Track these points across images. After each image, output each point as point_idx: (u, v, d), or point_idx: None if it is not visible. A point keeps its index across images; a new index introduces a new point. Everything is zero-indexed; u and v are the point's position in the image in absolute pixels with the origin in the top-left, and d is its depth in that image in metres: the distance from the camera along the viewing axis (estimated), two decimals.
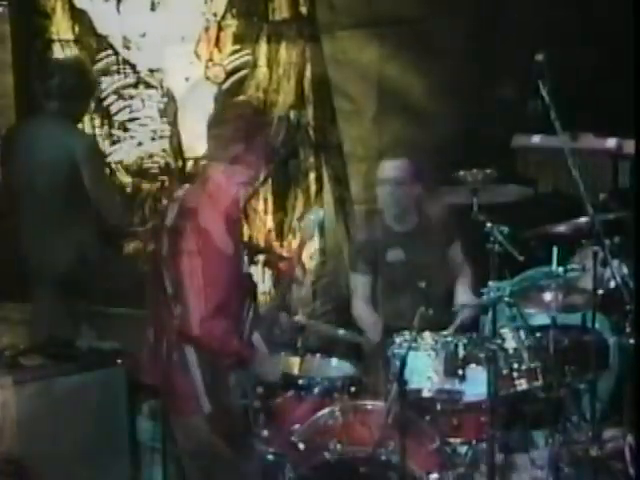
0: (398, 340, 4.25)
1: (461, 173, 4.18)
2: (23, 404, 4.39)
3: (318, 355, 4.57)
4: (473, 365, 4.13)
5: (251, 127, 3.71)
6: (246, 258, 3.84)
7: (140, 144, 6.23)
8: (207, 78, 6.09)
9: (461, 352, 4.14)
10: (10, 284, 5.87)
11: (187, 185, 3.97)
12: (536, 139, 5.21)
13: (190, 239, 3.58)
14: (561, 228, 4.31)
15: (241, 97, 5.92)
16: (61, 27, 6.31)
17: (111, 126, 6.20)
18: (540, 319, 4.42)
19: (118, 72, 6.21)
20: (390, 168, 4.84)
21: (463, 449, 4.10)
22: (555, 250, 4.19)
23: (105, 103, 6.23)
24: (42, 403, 4.44)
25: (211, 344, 3.56)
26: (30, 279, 5.36)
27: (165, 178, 6.19)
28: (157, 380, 3.74)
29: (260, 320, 3.82)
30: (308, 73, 5.91)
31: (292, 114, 5.91)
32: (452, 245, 4.90)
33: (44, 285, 5.19)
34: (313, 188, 5.92)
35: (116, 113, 6.25)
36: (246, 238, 5.93)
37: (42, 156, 4.99)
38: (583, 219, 4.13)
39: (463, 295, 4.77)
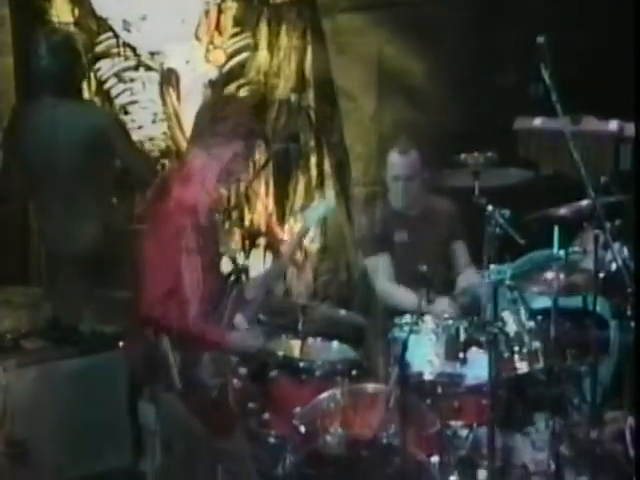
0: (399, 323, 4.24)
1: (462, 156, 4.17)
2: (25, 387, 4.40)
3: (319, 338, 4.56)
4: (474, 348, 4.13)
5: (242, 128, 3.67)
6: (243, 243, 3.83)
7: (140, 127, 6.20)
8: (208, 61, 6.06)
9: (462, 335, 4.15)
10: (12, 267, 5.88)
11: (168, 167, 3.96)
12: (537, 122, 5.20)
13: (154, 221, 3.61)
14: (562, 211, 4.30)
15: (242, 93, 5.91)
16: (61, 10, 6.26)
17: (111, 109, 6.16)
18: (541, 302, 4.41)
19: (118, 55, 6.17)
20: (402, 165, 4.76)
21: (464, 432, 4.11)
22: (556, 233, 4.18)
23: (105, 86, 6.20)
24: (44, 386, 4.45)
25: (168, 327, 3.53)
26: (48, 261, 5.38)
27: (166, 161, 6.16)
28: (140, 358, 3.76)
29: (245, 303, 3.79)
30: (309, 56, 5.88)
31: (293, 97, 5.88)
32: (454, 237, 4.87)
33: (60, 267, 5.18)
34: (314, 171, 5.90)
35: (116, 96, 6.21)
36: (247, 222, 5.95)
37: (64, 134, 4.98)
38: (584, 202, 4.11)
39: (465, 279, 4.75)
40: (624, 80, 3.83)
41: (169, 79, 6.13)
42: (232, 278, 3.75)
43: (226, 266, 3.82)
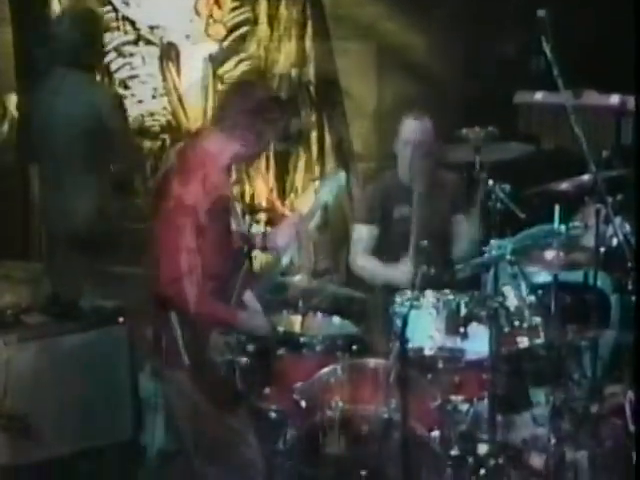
0: (400, 299, 4.24)
1: (463, 131, 4.15)
2: (26, 362, 4.40)
3: (320, 314, 4.55)
4: (475, 323, 4.12)
5: (262, 109, 3.67)
6: (244, 219, 3.82)
7: (141, 102, 6.17)
8: (208, 35, 6.03)
9: (462, 310, 4.14)
10: (13, 242, 5.87)
11: (180, 144, 3.95)
12: (538, 96, 5.18)
13: (167, 200, 3.59)
14: (563, 186, 4.28)
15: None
16: None
17: (111, 84, 6.13)
18: (542, 277, 4.41)
19: (118, 29, 6.13)
20: (414, 130, 4.72)
21: (464, 407, 4.10)
22: (557, 208, 4.17)
23: (105, 60, 6.17)
24: (45, 361, 4.45)
25: (182, 305, 3.55)
26: (47, 236, 5.38)
27: (166, 136, 6.14)
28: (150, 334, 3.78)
29: (255, 279, 3.79)
30: (309, 30, 5.85)
31: (293, 72, 5.86)
32: (458, 214, 4.85)
33: (59, 242, 5.19)
34: (315, 146, 5.88)
35: (116, 70, 6.17)
36: (248, 197, 5.94)
37: (65, 110, 4.97)
38: (586, 176, 4.10)
39: (464, 254, 4.74)
40: (625, 54, 3.81)
41: (169, 53, 6.09)
42: (243, 255, 3.76)
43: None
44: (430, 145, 4.71)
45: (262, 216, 5.88)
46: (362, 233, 4.89)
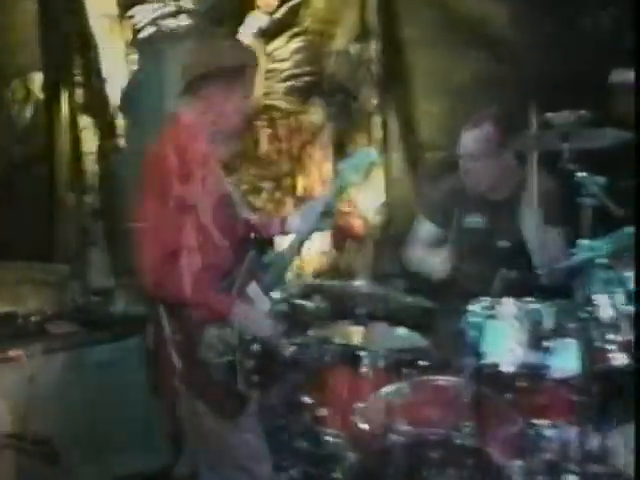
0: (474, 307, 4.21)
1: (549, 115, 4.12)
2: (52, 377, 4.45)
3: (382, 324, 4.58)
4: (561, 336, 4.09)
5: (239, 73, 3.77)
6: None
7: None
8: (257, 7, 6.06)
9: (548, 321, 4.10)
10: (37, 242, 5.96)
11: None
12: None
13: (148, 180, 3.67)
14: None
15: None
16: None
17: None
18: None
19: (157, 0, 6.21)
20: (467, 141, 4.70)
21: (550, 432, 4.06)
22: None
23: (142, 35, 6.23)
24: (73, 376, 4.50)
25: (165, 294, 3.61)
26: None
27: None
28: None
29: (262, 270, 3.82)
30: (371, 0, 5.85)
31: (353, 48, 5.86)
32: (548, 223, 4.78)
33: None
34: (378, 133, 5.88)
35: None
36: (300, 189, 5.96)
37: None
38: None
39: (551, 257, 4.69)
40: None
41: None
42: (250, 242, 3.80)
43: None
44: (495, 153, 4.64)
45: None
46: (423, 227, 4.94)
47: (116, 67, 6.25)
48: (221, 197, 3.74)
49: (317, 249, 5.97)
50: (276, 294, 4.05)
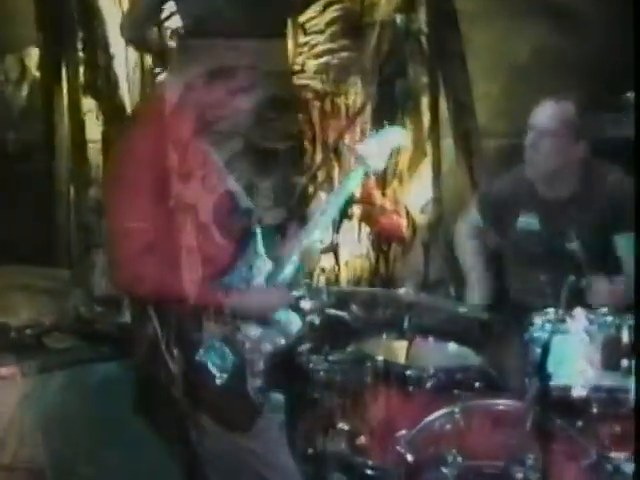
0: (539, 320, 4.18)
1: (627, 95, 4.08)
2: (49, 398, 4.46)
3: (431, 338, 4.59)
4: None
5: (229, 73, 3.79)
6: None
7: None
8: None
9: (626, 336, 4.05)
10: (35, 244, 5.98)
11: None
12: None
13: (124, 162, 3.72)
14: None
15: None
16: None
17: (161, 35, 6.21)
18: None
19: None
20: (543, 115, 4.65)
21: (629, 467, 4.02)
22: None
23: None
24: (73, 397, 4.50)
25: (147, 289, 3.64)
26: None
27: None
28: None
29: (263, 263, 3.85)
30: None
31: (399, 19, 5.84)
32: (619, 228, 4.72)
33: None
34: (427, 116, 5.85)
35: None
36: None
37: None
38: None
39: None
40: None
41: None
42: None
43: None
44: (568, 136, 4.60)
45: (355, 210, 5.88)
46: (471, 218, 5.04)
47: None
48: (222, 196, 3.79)
49: (355, 252, 5.94)
50: (307, 304, 4.04)
